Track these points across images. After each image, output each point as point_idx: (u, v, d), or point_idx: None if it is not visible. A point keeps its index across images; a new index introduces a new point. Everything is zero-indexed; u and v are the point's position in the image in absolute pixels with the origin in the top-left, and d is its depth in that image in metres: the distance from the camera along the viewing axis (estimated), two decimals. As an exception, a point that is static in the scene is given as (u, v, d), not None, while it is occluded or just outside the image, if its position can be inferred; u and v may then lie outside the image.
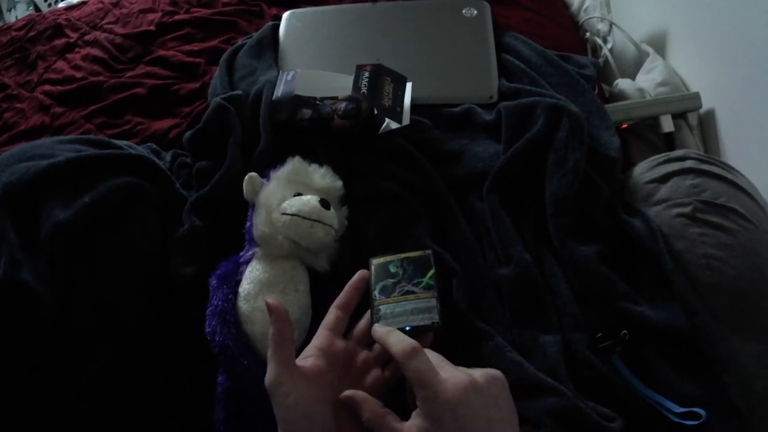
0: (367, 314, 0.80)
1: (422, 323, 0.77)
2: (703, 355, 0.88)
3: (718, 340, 0.89)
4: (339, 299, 0.79)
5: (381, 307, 0.79)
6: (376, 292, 0.81)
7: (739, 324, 0.92)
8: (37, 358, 0.82)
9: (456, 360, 0.86)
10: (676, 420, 0.83)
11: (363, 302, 0.81)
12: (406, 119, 1.14)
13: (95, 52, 1.62)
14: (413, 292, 0.80)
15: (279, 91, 1.16)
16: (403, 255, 0.85)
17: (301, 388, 0.65)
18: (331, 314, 0.77)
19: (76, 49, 1.68)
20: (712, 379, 0.86)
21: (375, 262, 0.85)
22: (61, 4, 2.39)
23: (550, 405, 0.81)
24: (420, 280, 0.81)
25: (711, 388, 0.86)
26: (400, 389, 0.73)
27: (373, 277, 0.83)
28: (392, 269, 0.83)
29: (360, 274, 0.82)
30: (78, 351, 0.84)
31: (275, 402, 0.65)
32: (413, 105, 1.18)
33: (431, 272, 0.82)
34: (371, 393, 0.71)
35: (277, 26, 1.45)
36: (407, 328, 0.76)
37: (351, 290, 0.80)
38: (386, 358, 0.76)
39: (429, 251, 0.85)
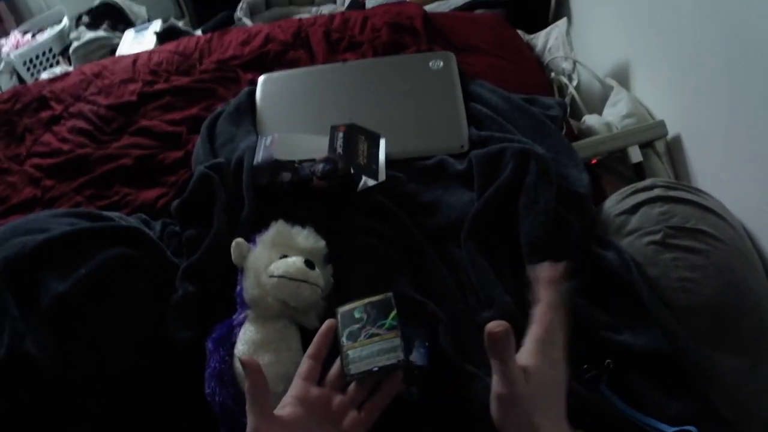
0: (338, 360, 0.82)
1: (389, 362, 0.79)
2: (688, 374, 0.91)
3: (699, 358, 0.92)
4: (310, 349, 0.82)
5: (349, 351, 0.82)
6: (343, 339, 0.83)
7: (718, 340, 0.95)
8: (38, 421, 0.85)
9: (446, 402, 0.90)
10: None
11: (334, 349, 0.84)
12: (382, 176, 1.18)
13: (80, 123, 1.64)
14: (378, 334, 0.82)
15: (259, 156, 1.19)
16: (366, 300, 0.87)
17: None
18: (304, 364, 0.80)
19: (62, 121, 1.70)
20: (699, 396, 0.89)
21: (341, 310, 0.87)
22: (44, 75, 2.44)
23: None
24: (383, 321, 0.83)
25: (699, 405, 0.88)
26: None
27: (339, 325, 0.85)
28: (357, 315, 0.85)
29: (328, 323, 0.84)
30: (78, 413, 0.87)
31: None
32: (388, 160, 1.22)
33: (393, 313, 0.84)
34: None
35: (254, 91, 1.49)
36: (375, 369, 0.79)
37: (320, 339, 0.83)
38: (361, 400, 0.80)
39: (390, 294, 0.87)
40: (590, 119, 1.49)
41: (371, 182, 1.15)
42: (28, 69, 2.73)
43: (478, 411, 0.88)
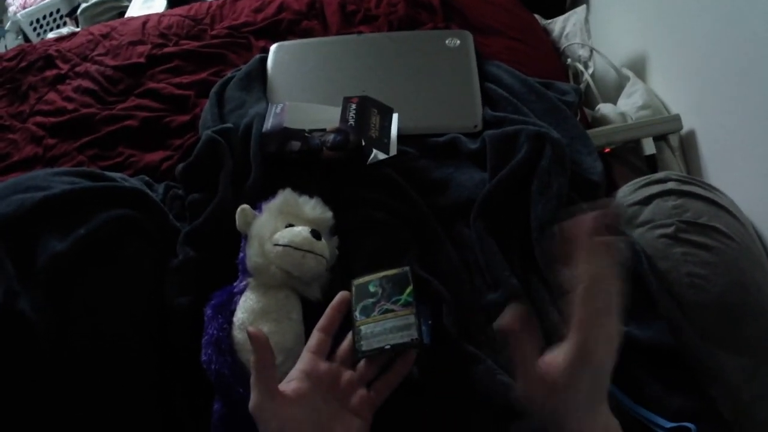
0: (350, 335, 0.81)
1: (401, 341, 0.77)
2: (690, 371, 0.90)
3: (704, 355, 0.91)
4: (321, 322, 0.80)
5: (362, 327, 0.80)
6: (356, 313, 0.82)
7: (724, 339, 0.94)
8: (31, 385, 0.83)
9: (447, 383, 0.88)
10: None
11: (346, 323, 0.82)
12: (393, 150, 1.16)
13: (86, 83, 1.63)
14: (392, 310, 0.80)
15: (268, 123, 1.18)
16: (382, 273, 0.85)
17: (284, 412, 0.68)
18: (314, 337, 0.79)
19: (67, 81, 1.68)
20: (700, 394, 0.88)
21: (355, 282, 0.86)
22: (50, 35, 2.41)
23: (540, 427, 0.82)
24: (398, 297, 0.81)
25: (699, 403, 0.87)
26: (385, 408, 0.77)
27: (354, 298, 0.84)
28: (371, 288, 0.84)
29: (341, 295, 0.83)
30: (72, 379, 0.85)
31: (260, 427, 0.67)
32: (400, 135, 1.20)
33: (409, 289, 0.82)
34: (357, 413, 0.74)
35: (265, 59, 1.47)
36: (386, 347, 0.77)
37: (332, 312, 0.81)
38: (370, 378, 0.78)
39: (407, 268, 0.85)
40: (605, 108, 1.48)
41: (382, 156, 1.14)
42: (35, 29, 2.71)
43: (479, 392, 0.88)
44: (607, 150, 1.37)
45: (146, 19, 1.87)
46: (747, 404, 0.90)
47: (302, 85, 1.40)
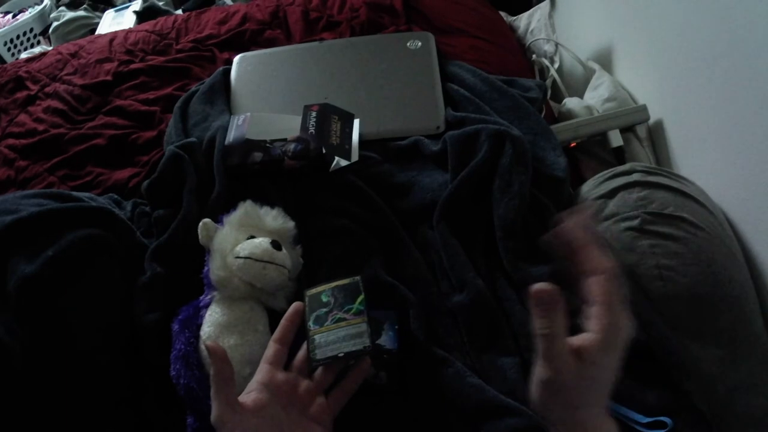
0: (305, 345, 0.82)
1: (354, 348, 0.78)
2: (663, 365, 0.90)
3: (676, 348, 0.91)
4: (276, 333, 0.81)
5: (315, 336, 0.81)
6: (310, 323, 0.83)
7: (696, 330, 0.94)
8: (8, 402, 0.84)
9: (417, 387, 0.88)
10: (644, 430, 0.84)
11: (301, 333, 0.83)
12: (354, 156, 1.16)
13: (55, 104, 1.63)
14: (344, 319, 0.81)
15: (231, 136, 1.18)
16: (333, 283, 0.86)
17: (245, 423, 0.68)
18: (270, 348, 0.79)
19: (37, 102, 1.68)
20: (675, 388, 0.88)
21: (308, 293, 0.87)
22: (23, 54, 2.40)
23: (512, 425, 0.82)
24: (350, 306, 0.82)
25: (675, 397, 0.88)
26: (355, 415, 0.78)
27: (307, 308, 0.84)
28: (324, 298, 0.85)
29: (294, 306, 0.83)
30: (47, 397, 0.87)
31: None
32: (362, 140, 1.21)
33: (360, 298, 0.83)
34: (317, 420, 0.75)
35: (229, 70, 1.47)
36: (340, 355, 0.78)
37: (287, 323, 0.82)
38: (327, 385, 0.79)
39: (358, 277, 0.86)
40: (571, 102, 1.48)
41: (344, 162, 1.14)
42: (9, 49, 2.70)
43: (449, 396, 0.88)
44: (573, 144, 1.37)
45: (113, 36, 1.87)
46: (723, 396, 0.90)
47: (265, 95, 1.40)
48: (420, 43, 1.42)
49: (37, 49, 2.53)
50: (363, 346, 0.79)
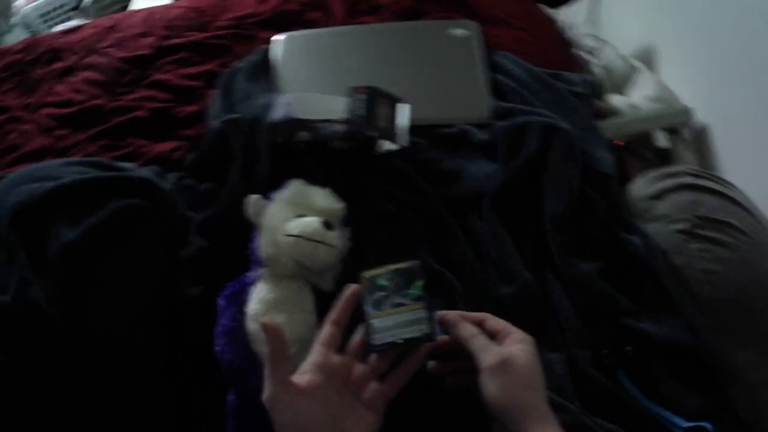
0: (361, 328, 0.80)
1: (413, 335, 0.76)
2: (708, 369, 0.89)
3: (721, 353, 0.91)
4: (332, 314, 0.79)
5: (373, 321, 0.79)
6: (368, 307, 0.80)
7: (741, 336, 0.93)
8: (46, 374, 0.84)
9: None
10: None
11: (356, 316, 0.81)
12: (402, 140, 1.15)
13: (94, 75, 1.61)
14: (403, 304, 0.79)
15: (277, 114, 1.16)
16: (392, 267, 0.83)
17: (298, 404, 0.68)
18: (326, 329, 0.78)
19: (76, 73, 1.66)
20: (718, 392, 0.88)
21: (365, 275, 0.84)
22: (57, 28, 2.40)
23: (558, 421, 0.81)
24: (409, 291, 0.80)
25: (716, 401, 0.87)
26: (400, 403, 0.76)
27: (364, 291, 0.82)
28: (382, 282, 0.82)
29: (352, 288, 0.81)
30: (87, 365, 0.86)
31: (273, 418, 0.67)
32: (410, 126, 1.18)
33: (420, 283, 0.80)
34: (370, 405, 0.74)
35: (272, 49, 1.46)
36: (399, 341, 0.76)
37: (343, 305, 0.80)
38: (383, 370, 0.77)
39: (418, 261, 0.83)
40: (615, 99, 1.47)
41: (392, 146, 1.13)
42: (44, 21, 2.70)
43: None
44: (620, 143, 1.34)
45: (151, 11, 1.85)
46: (765, 403, 0.89)
47: (309, 76, 1.39)
48: (465, 31, 1.41)
49: (71, 23, 2.53)
50: (422, 333, 0.76)
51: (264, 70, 1.40)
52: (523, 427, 0.67)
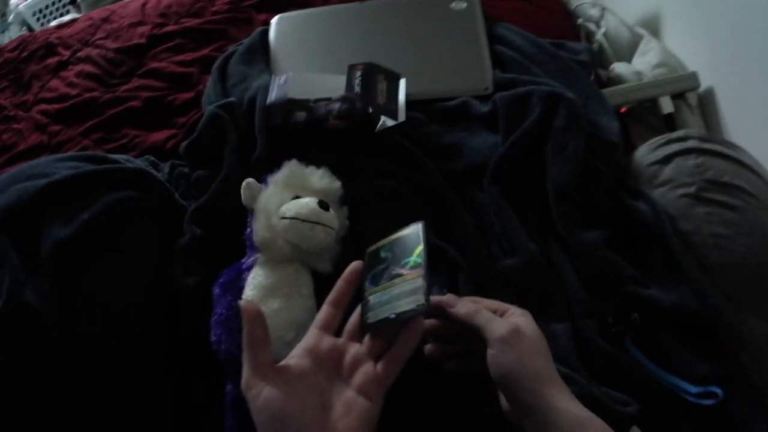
0: (359, 308, 0.74)
1: (407, 308, 0.68)
2: (717, 336, 0.88)
3: (730, 319, 0.89)
4: (331, 295, 0.74)
5: (370, 297, 0.73)
6: (367, 283, 0.75)
7: (751, 301, 0.92)
8: (42, 373, 0.83)
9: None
10: (693, 400, 0.82)
11: (359, 295, 0.76)
12: (401, 116, 1.13)
13: (88, 68, 1.62)
14: (400, 275, 0.72)
15: (272, 95, 1.15)
16: (394, 236, 0.77)
17: (273, 389, 0.62)
18: (322, 311, 0.73)
19: (70, 67, 1.67)
20: (728, 359, 0.86)
21: (368, 251, 0.79)
22: (52, 23, 2.39)
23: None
24: (408, 260, 0.73)
25: (727, 368, 0.86)
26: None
27: (366, 267, 0.77)
28: (383, 254, 0.76)
29: (353, 266, 0.75)
30: (83, 364, 0.85)
31: (249, 405, 0.62)
32: (408, 101, 1.17)
33: (419, 249, 0.73)
34: (361, 391, 0.67)
35: (267, 31, 1.45)
36: (391, 316, 0.69)
37: (343, 284, 0.74)
38: (378, 351, 0.71)
39: (420, 224, 0.76)
40: (619, 67, 1.44)
41: (390, 123, 1.11)
42: (38, 19, 2.71)
43: None
44: (623, 110, 1.34)
45: (146, 0, 1.84)
46: (776, 370, 0.88)
47: (306, 56, 1.38)
48: (465, 4, 1.38)
49: (67, 18, 2.53)
50: (416, 304, 0.68)
51: (260, 53, 1.39)
52: (539, 394, 0.64)
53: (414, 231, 0.76)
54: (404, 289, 0.70)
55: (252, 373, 0.63)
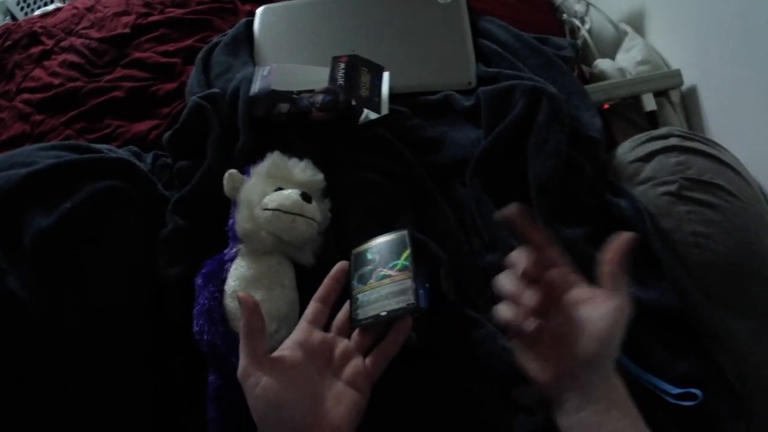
0: (347, 304, 0.80)
1: (397, 306, 0.75)
2: (696, 334, 0.89)
3: (710, 317, 0.90)
4: (318, 292, 0.79)
5: (359, 295, 0.79)
6: (354, 282, 0.81)
7: (730, 300, 0.92)
8: (26, 364, 0.82)
9: (448, 348, 0.86)
10: (673, 401, 0.83)
11: (345, 293, 0.81)
12: (384, 109, 1.14)
13: (72, 57, 1.60)
14: (389, 276, 0.79)
15: (256, 87, 1.15)
16: (380, 239, 0.84)
17: (270, 379, 0.66)
18: (311, 307, 0.78)
19: (53, 56, 1.65)
20: (707, 359, 0.87)
21: (354, 252, 0.85)
22: (36, 12, 2.38)
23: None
24: (395, 262, 0.80)
25: (705, 367, 0.86)
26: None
27: (352, 267, 0.83)
28: (369, 256, 0.82)
29: (339, 265, 0.81)
30: (66, 355, 0.84)
31: (246, 393, 0.67)
32: (392, 94, 1.18)
33: (406, 253, 0.80)
34: (351, 383, 0.72)
35: (252, 22, 1.44)
36: (382, 314, 0.75)
37: (330, 282, 0.80)
38: (366, 346, 0.76)
39: (405, 231, 0.83)
40: (603, 63, 1.46)
41: (373, 115, 1.12)
42: (22, 8, 2.68)
43: (481, 357, 0.86)
44: (606, 106, 1.35)
45: (131, -11, 1.83)
46: (753, 368, 0.89)
47: (290, 47, 1.38)
48: (450, -2, 1.39)
49: (51, 7, 2.51)
50: (407, 303, 0.75)
51: (244, 44, 1.38)
52: (606, 370, 0.66)
53: (400, 236, 0.83)
54: (393, 289, 0.77)
55: (250, 362, 0.67)
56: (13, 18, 2.65)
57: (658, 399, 0.84)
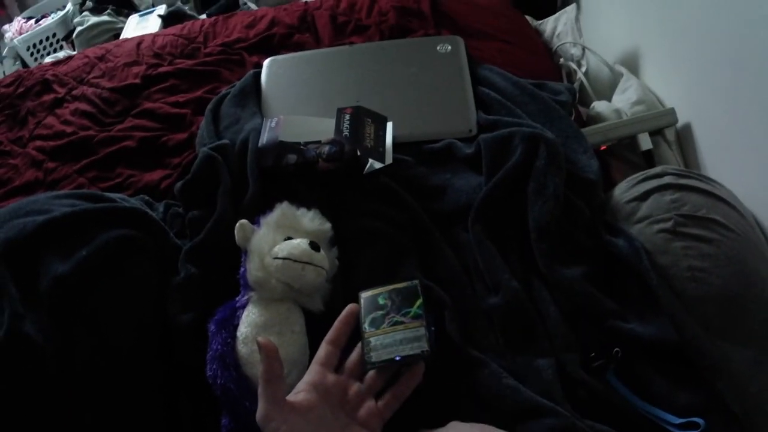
0: (359, 347, 0.82)
1: (412, 352, 0.78)
2: (696, 366, 0.89)
3: (708, 349, 0.91)
4: (330, 334, 0.81)
5: (371, 339, 0.81)
6: (366, 325, 0.83)
7: (729, 331, 0.93)
8: (40, 405, 0.84)
9: (453, 389, 0.88)
10: (676, 431, 0.84)
11: (355, 335, 0.83)
12: (388, 158, 1.16)
13: (83, 106, 1.63)
14: (402, 323, 0.81)
15: (264, 138, 1.18)
16: (391, 286, 0.86)
17: (291, 422, 0.68)
18: (323, 349, 0.80)
19: (65, 104, 1.69)
20: (707, 388, 0.88)
21: (364, 295, 0.87)
22: (47, 59, 2.42)
23: (549, 426, 0.82)
24: (408, 310, 0.82)
25: (707, 397, 0.87)
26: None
27: (362, 310, 0.85)
28: (381, 301, 0.85)
29: (349, 308, 0.84)
30: (79, 397, 0.86)
31: None
32: (395, 143, 1.20)
33: (419, 302, 0.83)
34: (365, 425, 0.74)
35: (259, 74, 1.47)
36: (397, 358, 0.78)
37: (341, 325, 0.82)
38: (378, 389, 0.79)
39: (416, 281, 0.86)
40: (599, 106, 1.47)
41: (378, 165, 1.14)
42: (32, 54, 2.73)
43: (485, 397, 0.87)
44: (603, 147, 1.36)
45: (140, 39, 1.88)
46: (754, 396, 0.89)
47: (297, 98, 1.41)
48: (450, 47, 1.42)
49: (61, 54, 2.55)
50: (421, 350, 0.78)
51: (252, 95, 1.41)
52: None
53: (412, 285, 0.86)
54: (407, 335, 0.80)
55: (271, 406, 0.69)
56: (24, 64, 2.69)
57: (660, 430, 0.85)
